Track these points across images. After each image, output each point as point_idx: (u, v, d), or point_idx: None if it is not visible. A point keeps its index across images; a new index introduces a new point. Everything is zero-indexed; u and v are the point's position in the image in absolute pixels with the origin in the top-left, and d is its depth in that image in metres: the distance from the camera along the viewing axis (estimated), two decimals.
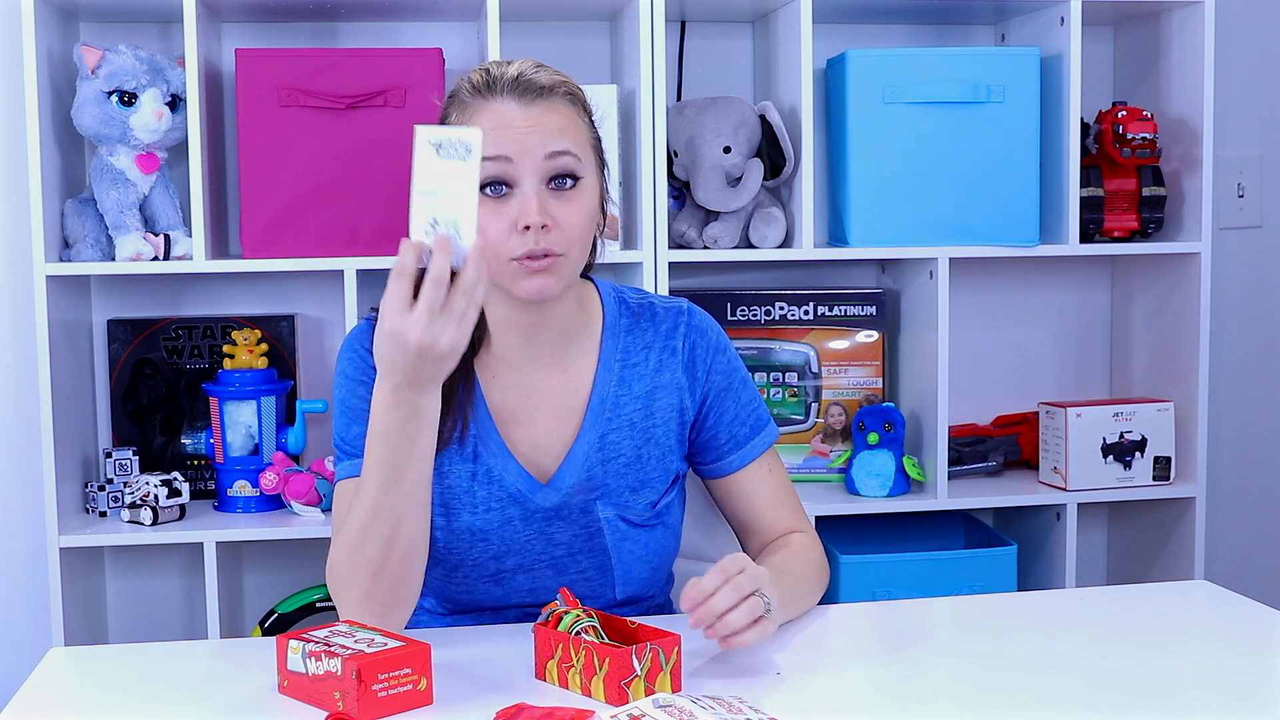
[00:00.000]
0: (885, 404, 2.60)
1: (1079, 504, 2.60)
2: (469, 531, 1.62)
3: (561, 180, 1.55)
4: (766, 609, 1.45)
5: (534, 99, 1.55)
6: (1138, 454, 2.61)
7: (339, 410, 1.64)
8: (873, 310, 2.65)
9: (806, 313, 2.65)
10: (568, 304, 1.65)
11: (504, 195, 1.53)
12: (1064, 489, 2.59)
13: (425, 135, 1.37)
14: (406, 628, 1.56)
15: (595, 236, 1.63)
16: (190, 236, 2.38)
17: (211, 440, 2.46)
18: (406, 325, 1.38)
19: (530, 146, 1.53)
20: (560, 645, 1.40)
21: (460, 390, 1.62)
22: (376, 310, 1.66)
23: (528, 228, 1.52)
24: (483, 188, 1.52)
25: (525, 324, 1.63)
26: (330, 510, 2.40)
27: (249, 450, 2.47)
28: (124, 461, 2.46)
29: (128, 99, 2.35)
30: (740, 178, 2.48)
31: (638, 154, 2.41)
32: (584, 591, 1.63)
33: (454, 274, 1.38)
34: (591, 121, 1.62)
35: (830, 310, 2.65)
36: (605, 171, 1.64)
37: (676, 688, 1.38)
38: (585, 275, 1.72)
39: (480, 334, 1.65)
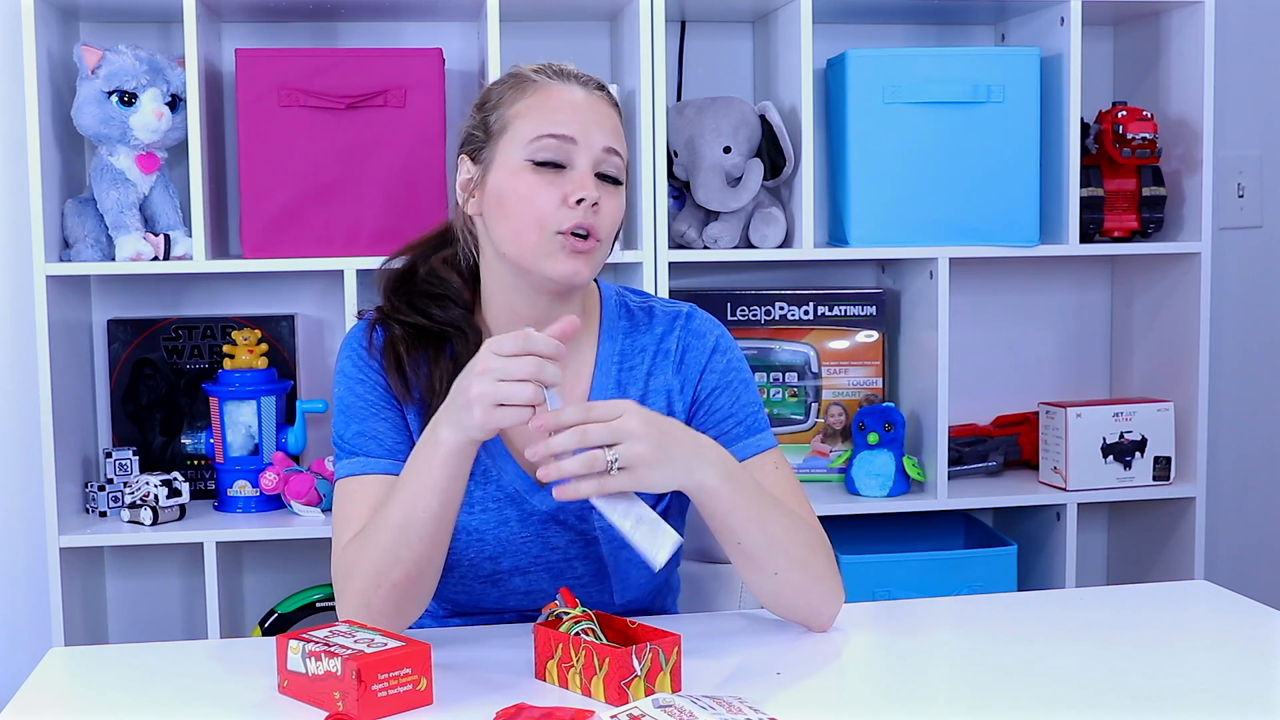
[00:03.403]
0: (885, 404, 2.60)
1: (1079, 504, 2.60)
2: (465, 531, 1.61)
3: (606, 179, 1.58)
4: (612, 466, 1.39)
5: (594, 89, 1.62)
6: (1138, 454, 2.61)
7: (338, 409, 1.64)
8: (873, 310, 2.65)
9: (806, 313, 2.65)
10: (573, 302, 1.65)
11: (559, 173, 1.57)
12: (1064, 489, 2.59)
13: None
14: (407, 629, 1.56)
15: None
16: (190, 236, 2.38)
17: (211, 440, 2.46)
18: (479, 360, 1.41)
19: (591, 133, 1.57)
20: (560, 645, 1.40)
21: None
22: (372, 310, 1.68)
23: (580, 201, 1.54)
24: (542, 165, 1.56)
25: (531, 319, 1.63)
26: (330, 510, 2.41)
27: (249, 450, 2.47)
28: (124, 461, 2.46)
29: (128, 99, 2.35)
30: (740, 178, 2.48)
31: (638, 154, 2.41)
32: (582, 599, 1.61)
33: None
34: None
35: (830, 310, 2.65)
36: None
37: (676, 688, 1.38)
38: None
39: (483, 332, 1.65)
